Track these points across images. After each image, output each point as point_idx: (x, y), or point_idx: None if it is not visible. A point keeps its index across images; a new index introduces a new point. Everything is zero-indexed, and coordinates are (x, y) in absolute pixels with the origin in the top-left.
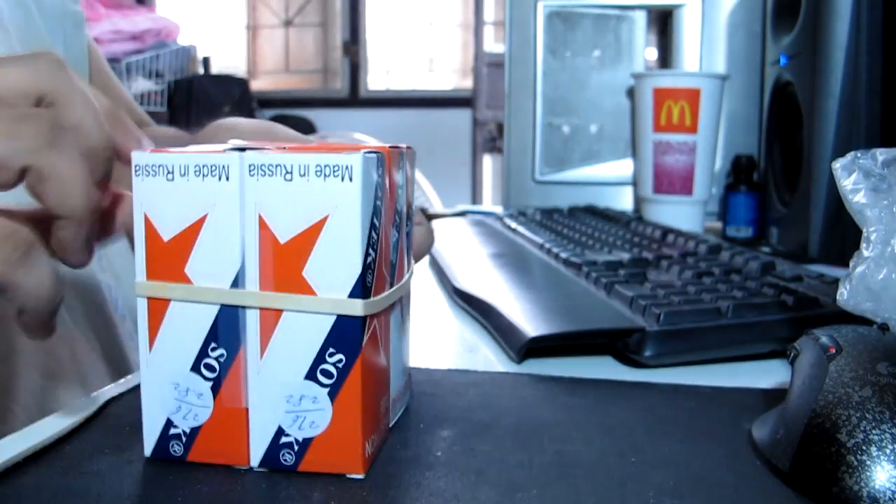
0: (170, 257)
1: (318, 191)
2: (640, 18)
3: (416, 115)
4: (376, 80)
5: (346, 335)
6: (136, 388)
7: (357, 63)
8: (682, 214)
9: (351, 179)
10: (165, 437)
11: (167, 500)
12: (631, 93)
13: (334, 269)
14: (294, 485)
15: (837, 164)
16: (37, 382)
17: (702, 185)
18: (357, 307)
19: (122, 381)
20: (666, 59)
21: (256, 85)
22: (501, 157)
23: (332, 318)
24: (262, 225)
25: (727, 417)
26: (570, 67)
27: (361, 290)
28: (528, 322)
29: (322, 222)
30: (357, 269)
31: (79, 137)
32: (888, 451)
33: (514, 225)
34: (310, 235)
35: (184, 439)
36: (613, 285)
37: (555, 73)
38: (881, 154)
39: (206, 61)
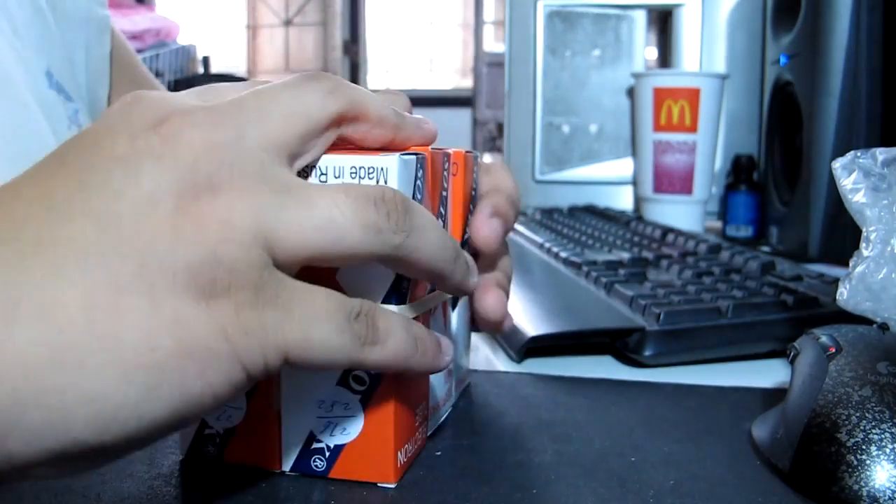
0: None
1: None
2: (640, 18)
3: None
4: (376, 79)
5: None
6: None
7: (357, 63)
8: (682, 214)
9: (386, 182)
10: (199, 437)
11: (170, 500)
12: (631, 92)
13: (368, 273)
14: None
15: (837, 164)
16: None
17: (702, 185)
18: None
19: None
20: (666, 58)
21: None
22: (501, 157)
23: None
24: None
25: (727, 417)
26: (569, 67)
27: (396, 295)
28: (528, 321)
29: None
30: (391, 275)
31: None
32: (888, 451)
33: None
34: None
35: (217, 440)
36: (613, 285)
37: (555, 72)
38: (881, 154)
39: (206, 61)
